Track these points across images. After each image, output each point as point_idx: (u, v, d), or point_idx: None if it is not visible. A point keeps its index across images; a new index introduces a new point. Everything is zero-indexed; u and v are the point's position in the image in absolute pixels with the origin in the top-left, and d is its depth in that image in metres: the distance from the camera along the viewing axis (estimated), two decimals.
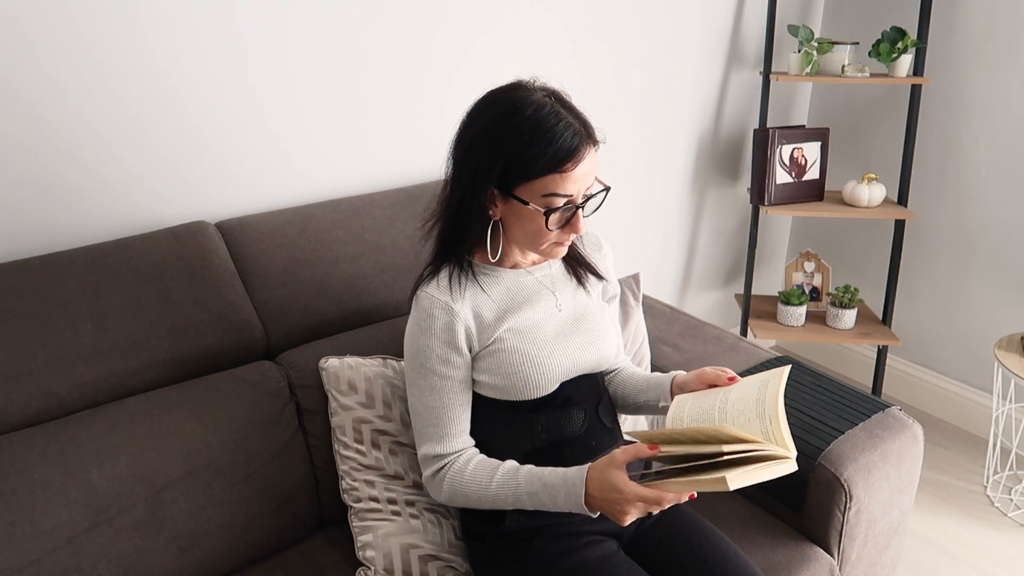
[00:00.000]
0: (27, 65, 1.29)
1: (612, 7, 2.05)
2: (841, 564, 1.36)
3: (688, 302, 2.66)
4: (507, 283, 1.18)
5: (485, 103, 1.09)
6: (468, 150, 1.08)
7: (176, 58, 1.43)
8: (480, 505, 1.11)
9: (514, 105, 1.05)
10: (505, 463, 1.10)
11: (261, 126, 1.57)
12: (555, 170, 1.03)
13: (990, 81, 2.20)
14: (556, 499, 1.03)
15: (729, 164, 2.55)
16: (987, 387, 2.38)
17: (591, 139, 1.07)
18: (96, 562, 1.13)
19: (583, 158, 1.04)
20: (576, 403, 1.18)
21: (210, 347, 1.33)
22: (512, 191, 1.07)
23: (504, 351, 1.13)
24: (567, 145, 1.03)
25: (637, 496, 0.95)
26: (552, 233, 1.09)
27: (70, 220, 1.40)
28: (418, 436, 1.16)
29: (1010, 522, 2.05)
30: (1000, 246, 2.27)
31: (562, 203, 1.06)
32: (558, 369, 1.15)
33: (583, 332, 1.20)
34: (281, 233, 1.47)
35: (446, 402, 1.13)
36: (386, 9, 1.66)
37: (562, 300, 1.21)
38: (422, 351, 1.13)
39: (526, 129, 1.03)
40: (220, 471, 1.24)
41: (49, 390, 1.19)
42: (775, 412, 0.95)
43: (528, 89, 1.07)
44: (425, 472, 1.15)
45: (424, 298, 1.13)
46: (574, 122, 1.05)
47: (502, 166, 1.05)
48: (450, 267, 1.15)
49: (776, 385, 0.99)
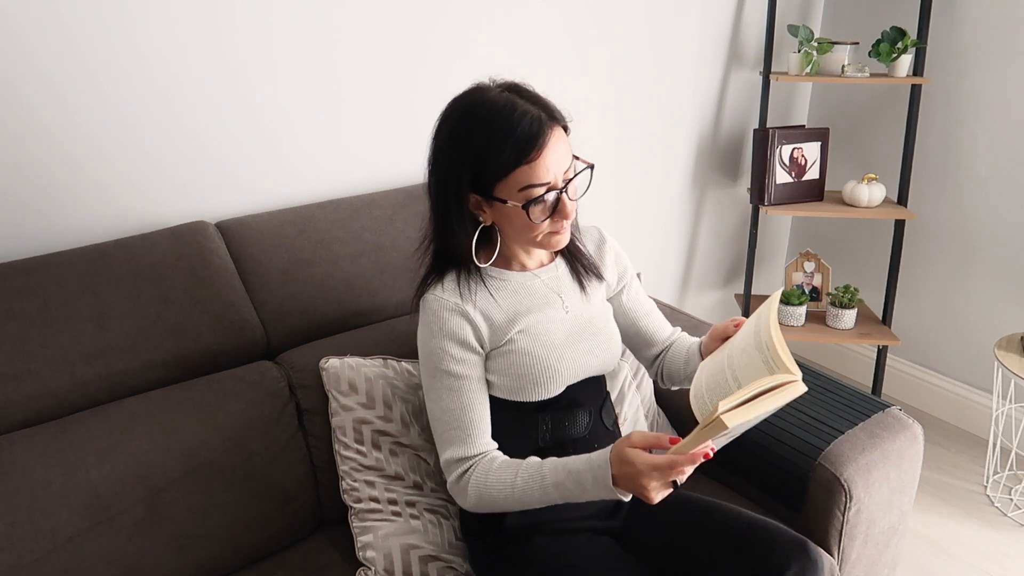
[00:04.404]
0: (27, 65, 1.29)
1: (612, 7, 2.05)
2: (841, 564, 1.36)
3: (688, 302, 2.66)
4: (515, 286, 1.17)
5: (445, 113, 1.08)
6: (437, 161, 1.08)
7: (176, 59, 1.43)
8: (507, 507, 1.08)
9: (470, 108, 1.04)
10: (527, 459, 1.09)
11: (261, 126, 1.57)
12: (521, 161, 1.01)
13: (990, 81, 2.20)
14: (584, 485, 1.01)
15: (729, 164, 2.55)
16: (987, 387, 2.37)
17: (554, 120, 1.04)
18: (96, 562, 1.13)
19: (547, 143, 1.02)
20: (581, 405, 1.18)
21: (210, 347, 1.33)
22: (491, 193, 1.06)
23: (516, 352, 1.13)
24: (527, 132, 1.01)
25: (650, 465, 0.93)
26: (541, 225, 1.07)
27: (70, 220, 1.40)
28: (440, 442, 1.13)
29: (1010, 522, 2.05)
30: (1000, 246, 2.27)
31: (541, 192, 1.04)
32: (567, 372, 1.15)
33: (589, 336, 1.20)
34: (281, 233, 1.47)
35: (465, 402, 1.11)
36: (384, 9, 1.66)
37: (569, 303, 1.21)
38: (435, 354, 1.11)
39: (484, 128, 1.02)
40: (220, 471, 1.24)
41: (49, 390, 1.19)
42: (770, 338, 0.93)
43: (484, 89, 1.07)
44: (450, 478, 1.12)
45: (432, 301, 1.13)
46: (532, 109, 1.03)
47: (471, 170, 1.04)
48: (456, 272, 1.14)
49: (767, 312, 0.98)
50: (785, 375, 0.90)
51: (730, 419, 0.85)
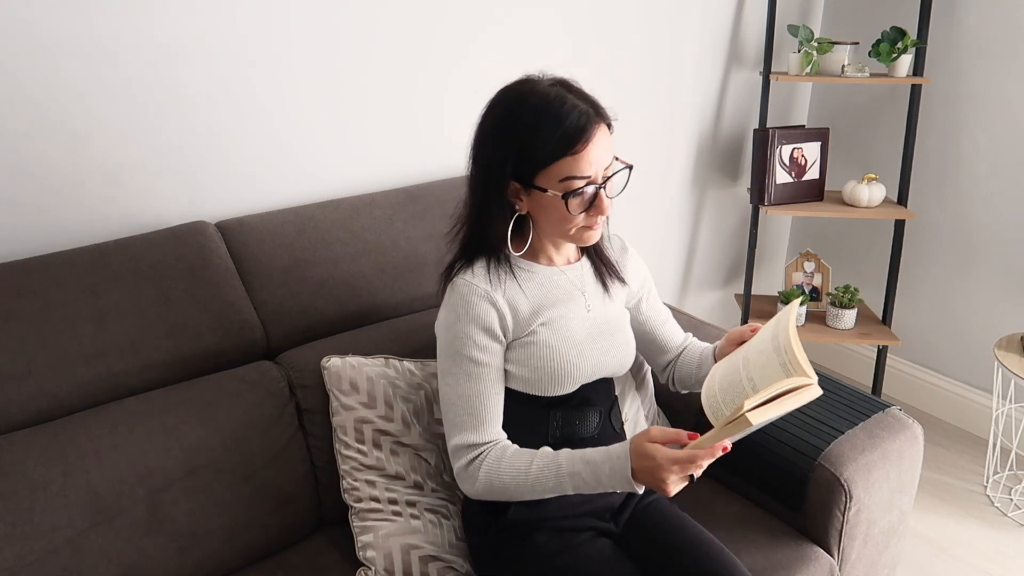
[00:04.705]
0: (27, 65, 1.29)
1: (612, 7, 2.05)
2: (841, 564, 1.36)
3: (688, 302, 2.66)
4: (542, 279, 1.19)
5: (494, 100, 1.11)
6: (482, 147, 1.11)
7: (176, 58, 1.43)
8: (515, 495, 1.09)
9: (521, 96, 1.07)
10: (542, 449, 1.10)
11: (261, 126, 1.57)
12: (567, 152, 1.04)
13: (990, 81, 2.20)
14: (600, 476, 1.03)
15: (729, 164, 2.55)
16: (987, 387, 2.38)
17: (600, 117, 1.08)
18: (96, 562, 1.13)
19: (593, 136, 1.05)
20: (593, 405, 1.20)
21: (210, 347, 1.33)
22: (532, 181, 1.08)
23: (537, 344, 1.14)
24: (574, 125, 1.04)
25: (670, 459, 0.96)
26: (577, 217, 1.10)
27: (70, 220, 1.40)
28: (451, 427, 1.14)
29: (1010, 522, 2.05)
30: (1000, 246, 2.27)
31: (581, 185, 1.06)
32: (584, 369, 1.17)
33: (608, 336, 1.21)
34: (281, 233, 1.47)
35: (482, 389, 1.12)
36: (385, 9, 1.66)
37: (591, 302, 1.22)
38: (458, 338, 1.12)
39: (533, 116, 1.05)
40: (220, 471, 1.24)
41: (49, 390, 1.19)
42: (788, 342, 0.96)
43: (534, 81, 1.10)
44: (457, 463, 1.13)
45: (462, 285, 1.13)
46: (580, 103, 1.06)
47: (515, 156, 1.06)
48: (486, 259, 1.16)
49: (786, 318, 1.01)
50: (803, 378, 0.93)
51: (755, 417, 0.88)
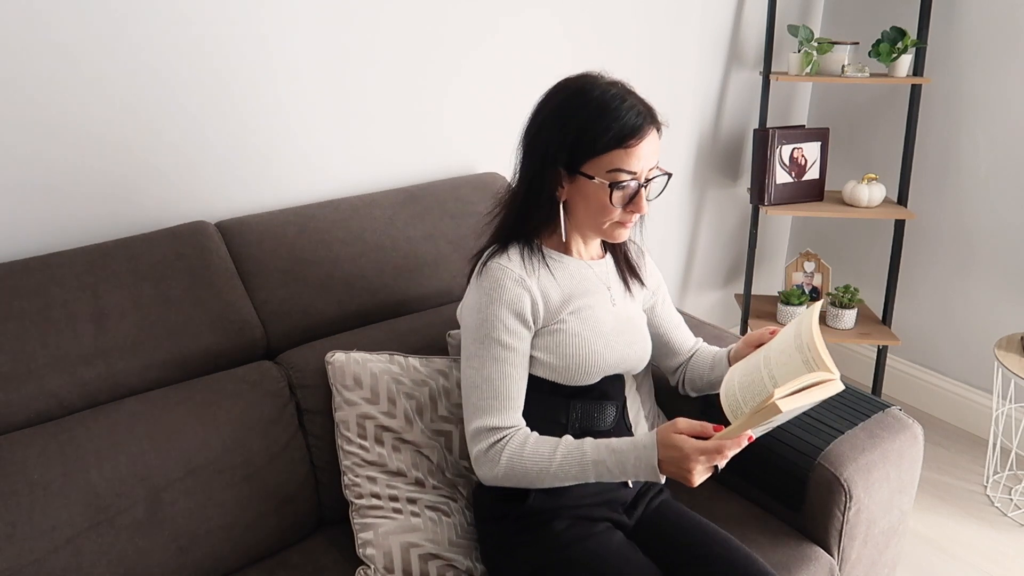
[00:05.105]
0: (27, 65, 1.29)
1: (612, 8, 2.05)
2: (841, 564, 1.36)
3: (688, 302, 2.66)
4: (571, 270, 1.22)
5: (555, 89, 1.16)
6: (538, 131, 1.14)
7: (176, 59, 1.43)
8: (533, 482, 1.10)
9: (583, 88, 1.12)
10: (564, 437, 1.11)
11: (261, 127, 1.57)
12: (620, 145, 1.09)
13: (990, 81, 2.20)
14: (625, 465, 1.05)
15: (729, 164, 2.55)
16: (987, 387, 2.38)
17: (654, 120, 1.13)
18: (96, 562, 1.13)
19: (646, 136, 1.10)
20: (611, 399, 1.23)
21: (210, 347, 1.33)
22: (579, 168, 1.11)
23: (565, 332, 1.16)
24: (632, 122, 1.09)
25: (697, 450, 0.98)
26: (616, 211, 1.13)
27: (70, 220, 1.40)
28: (472, 410, 1.14)
29: (1010, 522, 2.05)
30: (1000, 246, 2.27)
31: (627, 179, 1.10)
32: (610, 360, 1.19)
33: (629, 332, 1.24)
34: (281, 233, 1.47)
35: (508, 372, 1.13)
36: (388, 10, 1.66)
37: (615, 296, 1.26)
38: (488, 320, 1.13)
39: (594, 107, 1.09)
40: (220, 471, 1.24)
41: (49, 390, 1.19)
42: (811, 340, 0.99)
43: (596, 77, 1.16)
44: (476, 447, 1.13)
45: (496, 268, 1.15)
46: (638, 104, 1.12)
47: (571, 143, 1.10)
48: (520, 246, 1.18)
49: (809, 318, 1.03)
50: (825, 373, 0.97)
51: (784, 404, 0.91)
